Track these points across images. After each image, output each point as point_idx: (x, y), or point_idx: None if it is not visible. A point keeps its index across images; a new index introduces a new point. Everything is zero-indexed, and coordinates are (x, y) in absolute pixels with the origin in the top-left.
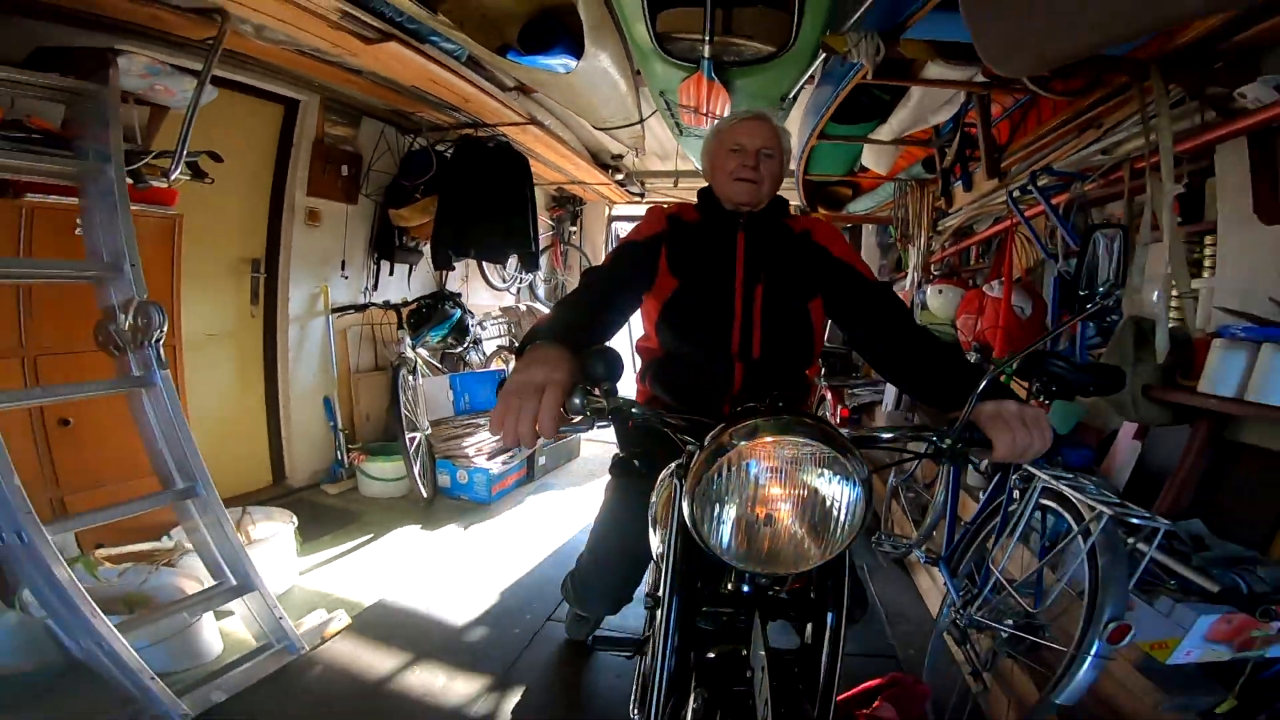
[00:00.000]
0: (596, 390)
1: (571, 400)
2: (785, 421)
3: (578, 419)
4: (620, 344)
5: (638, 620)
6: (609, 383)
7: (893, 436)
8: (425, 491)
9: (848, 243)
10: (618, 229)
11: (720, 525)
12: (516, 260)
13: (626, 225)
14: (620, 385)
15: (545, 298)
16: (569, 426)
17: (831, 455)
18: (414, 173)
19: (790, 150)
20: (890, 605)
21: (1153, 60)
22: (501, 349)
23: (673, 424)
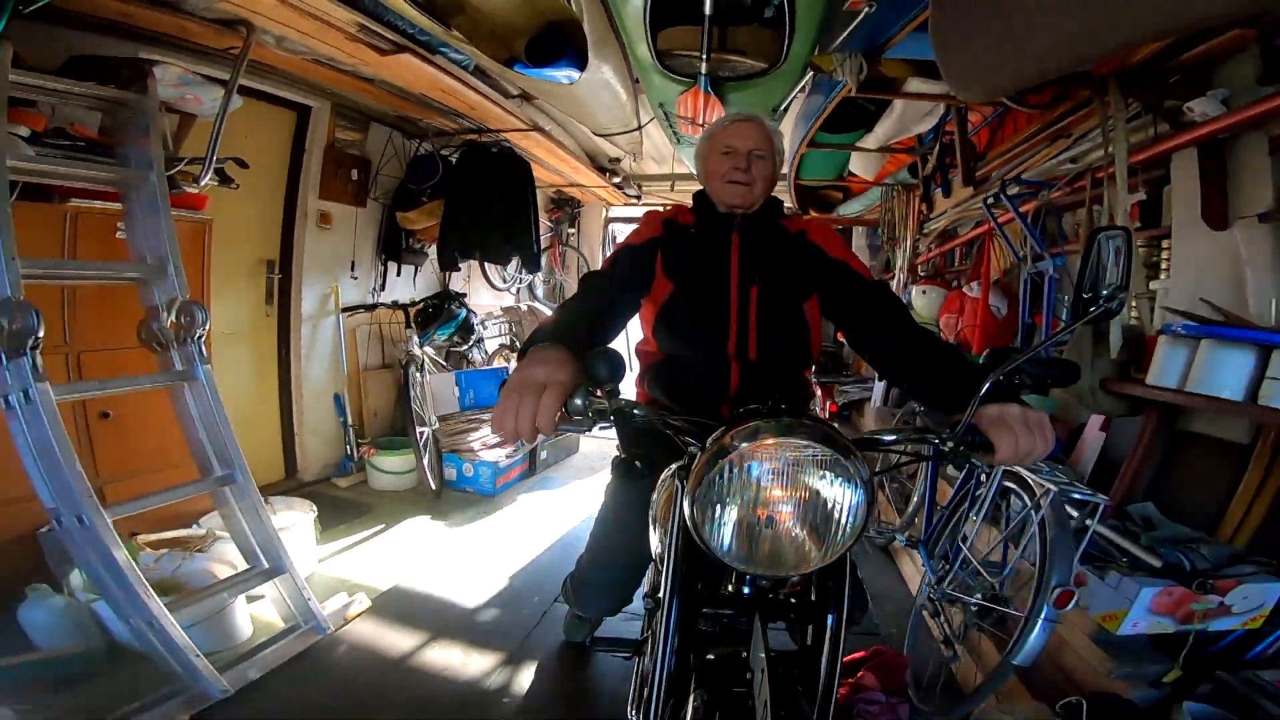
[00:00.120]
0: (599, 391)
1: (573, 401)
2: (787, 424)
3: (579, 419)
4: (620, 346)
5: (637, 621)
6: (611, 384)
7: (895, 439)
8: (433, 484)
9: (844, 242)
10: (615, 230)
11: (721, 527)
12: (518, 261)
13: (623, 226)
14: (621, 387)
15: (544, 298)
16: (569, 425)
17: (833, 457)
18: (420, 177)
19: (783, 151)
20: (875, 588)
21: (1112, 75)
22: (503, 347)
23: (675, 426)
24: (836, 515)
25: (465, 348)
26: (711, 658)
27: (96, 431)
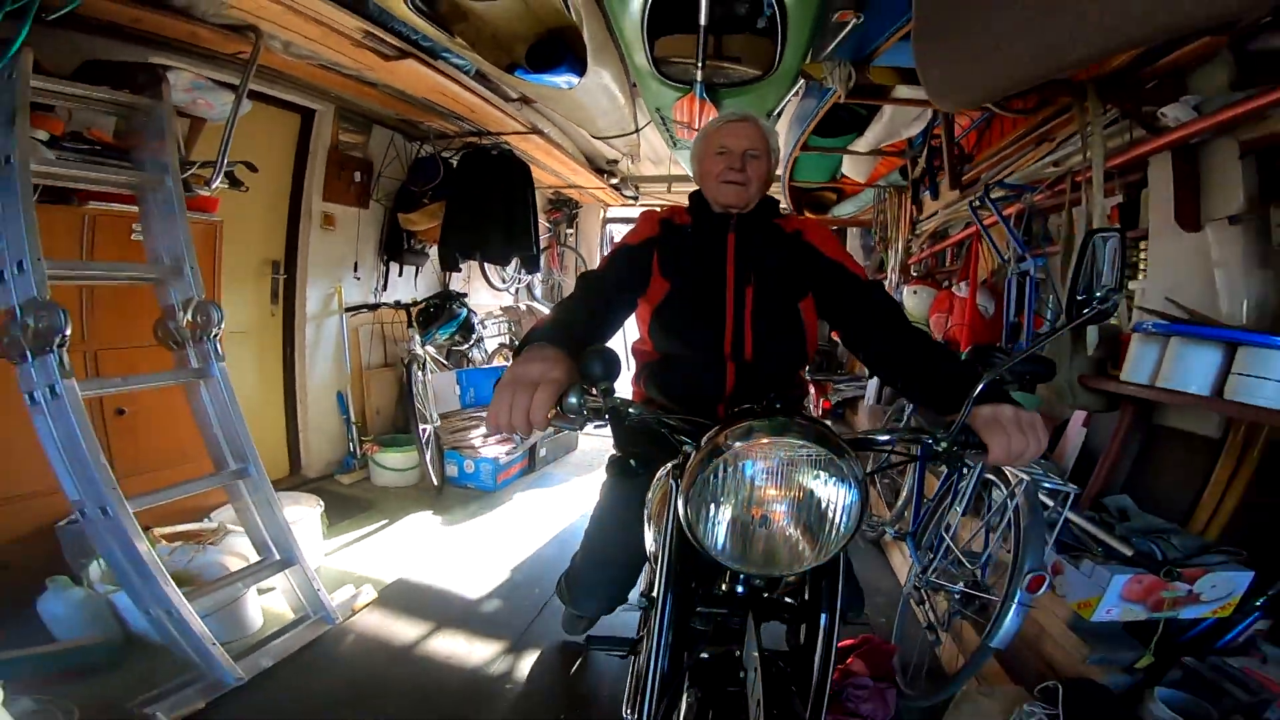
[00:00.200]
0: (594, 390)
1: (568, 399)
2: (781, 423)
3: (573, 417)
4: (617, 345)
5: (634, 619)
6: (606, 382)
7: (889, 439)
8: (435, 480)
9: (839, 242)
10: (612, 231)
11: (715, 526)
12: (517, 262)
13: (621, 227)
14: (617, 385)
15: (542, 297)
16: (563, 422)
17: (827, 457)
18: (422, 179)
19: (779, 150)
20: (866, 579)
21: (1090, 81)
22: (502, 346)
23: (670, 425)
24: (830, 515)
25: (466, 347)
26: (705, 656)
27: (112, 427)
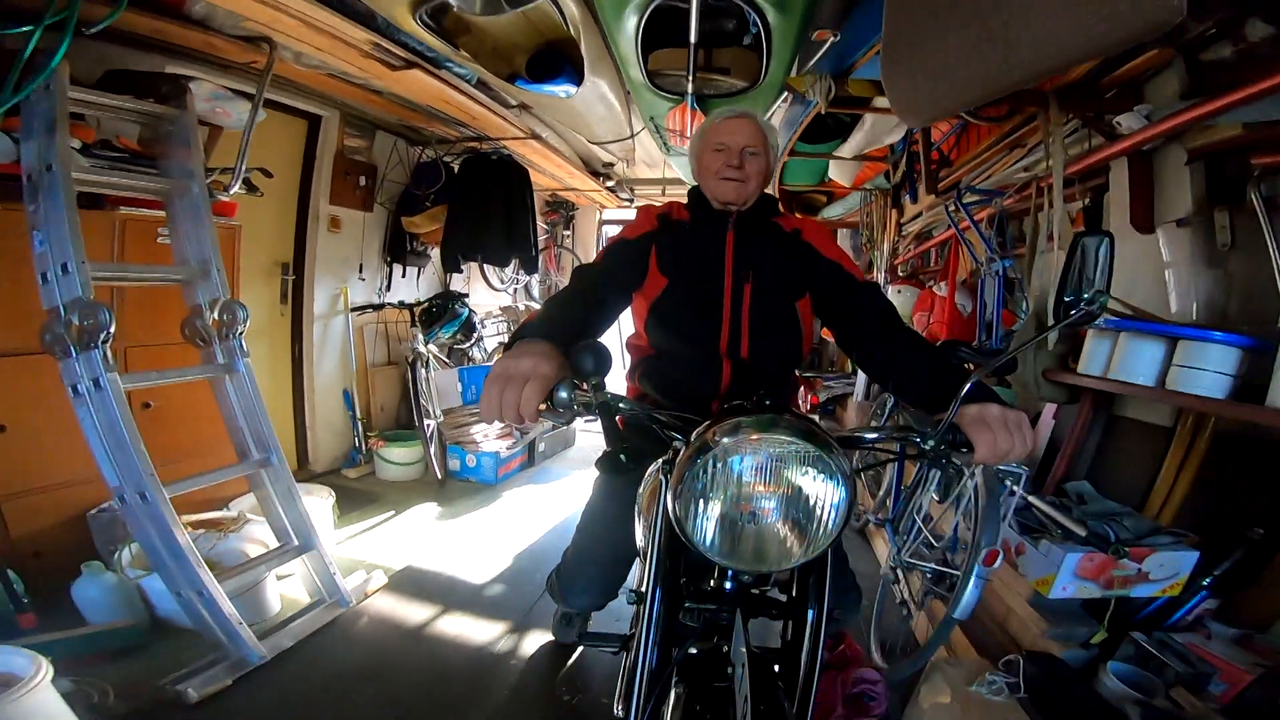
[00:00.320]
0: (584, 385)
1: (558, 393)
2: (770, 420)
3: (563, 411)
4: (610, 340)
5: (626, 617)
6: (597, 377)
7: (877, 437)
8: (439, 473)
9: (837, 243)
10: (608, 232)
11: (704, 522)
12: (516, 263)
13: (617, 228)
14: (608, 381)
15: (540, 298)
16: (554, 416)
17: (816, 454)
18: (424, 183)
19: (778, 146)
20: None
21: (1053, 92)
22: (501, 345)
23: (660, 420)
24: (818, 511)
25: (468, 345)
26: (694, 652)
27: (140, 420)
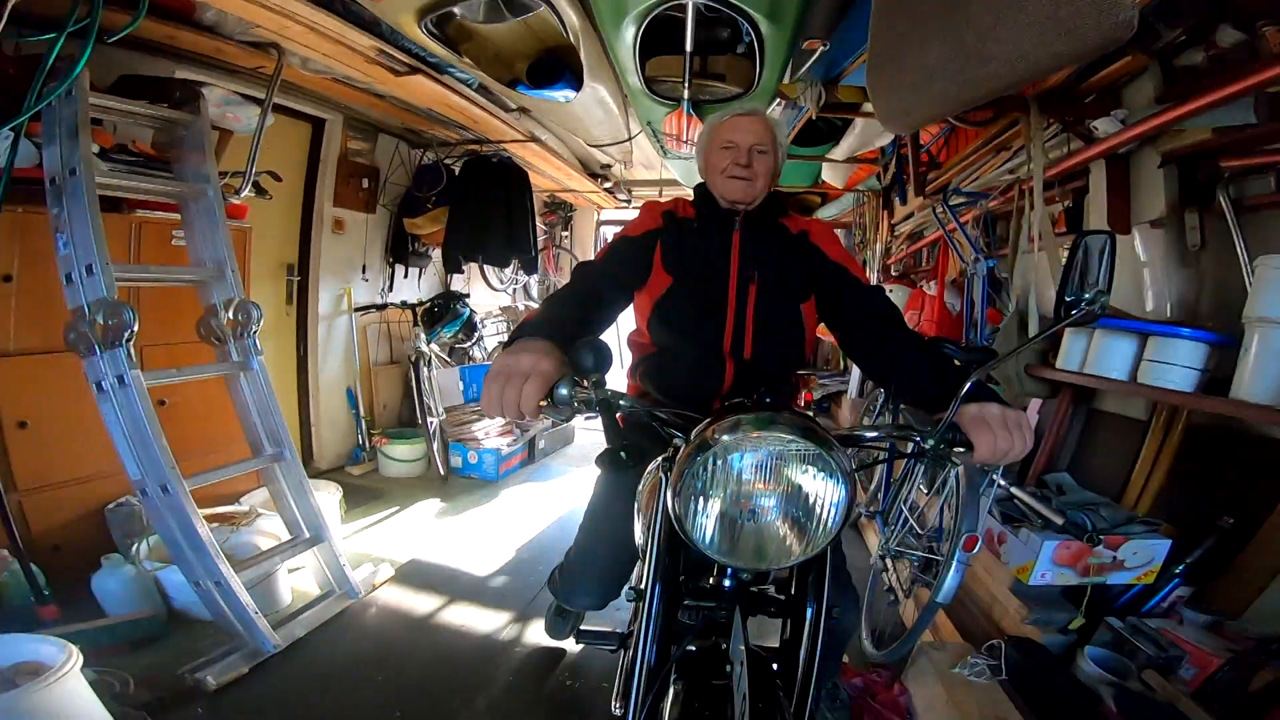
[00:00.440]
0: (585, 382)
1: (559, 390)
2: (769, 417)
3: (563, 408)
4: (610, 337)
5: (622, 615)
6: (597, 374)
7: (877, 436)
8: (441, 470)
9: (843, 245)
10: (606, 233)
11: (704, 520)
12: (516, 263)
13: (615, 229)
14: (609, 378)
15: (539, 298)
16: (554, 412)
17: (816, 452)
18: (426, 185)
19: (786, 144)
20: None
21: (1034, 97)
22: (501, 345)
23: (660, 418)
24: (818, 510)
25: (469, 345)
26: (692, 650)
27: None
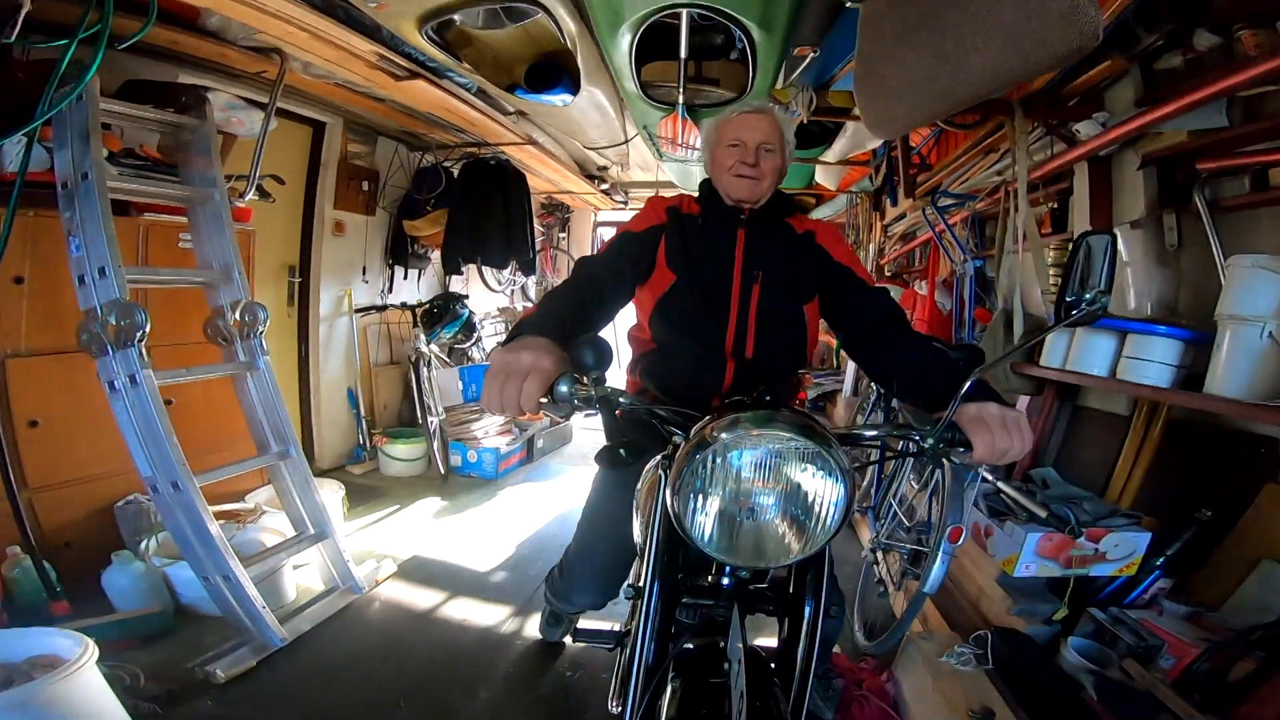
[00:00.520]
0: (584, 379)
1: (558, 387)
2: (769, 416)
3: (563, 405)
4: (608, 332)
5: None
6: (597, 371)
7: (876, 435)
8: (441, 468)
9: (849, 246)
10: (603, 234)
11: (703, 518)
12: (514, 264)
13: (612, 231)
14: (607, 374)
15: (536, 299)
16: (553, 409)
17: (815, 450)
18: (425, 188)
19: (793, 142)
20: (835, 553)
21: (1018, 101)
22: (500, 346)
23: (660, 416)
24: (817, 508)
25: (468, 345)
26: (690, 647)
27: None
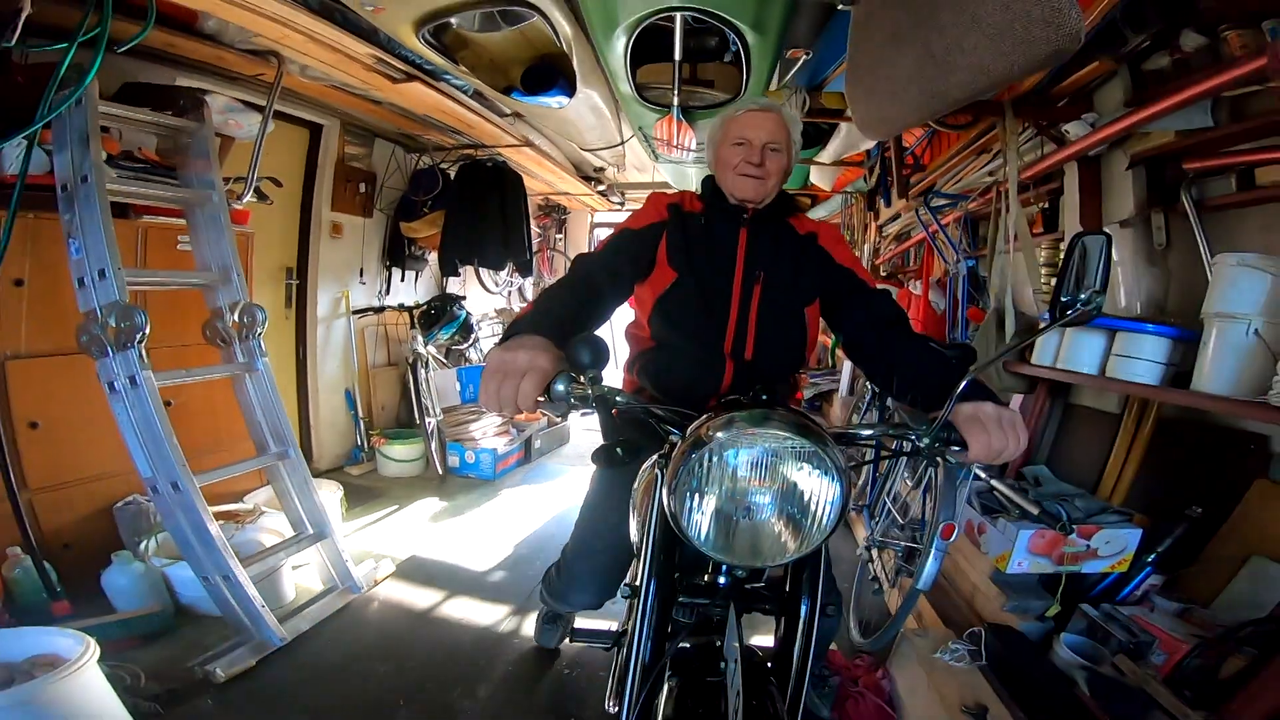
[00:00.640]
0: (581, 378)
1: (555, 386)
2: (765, 415)
3: (560, 403)
4: (604, 330)
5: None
6: (594, 370)
7: (872, 434)
8: (439, 469)
9: (851, 247)
10: (600, 235)
11: (699, 517)
12: (511, 266)
13: (608, 231)
14: (604, 373)
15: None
16: (550, 408)
17: (811, 449)
18: (422, 189)
19: (799, 142)
20: (832, 551)
21: (1009, 101)
22: (496, 344)
23: (656, 415)
24: (813, 506)
25: (465, 346)
26: (687, 646)
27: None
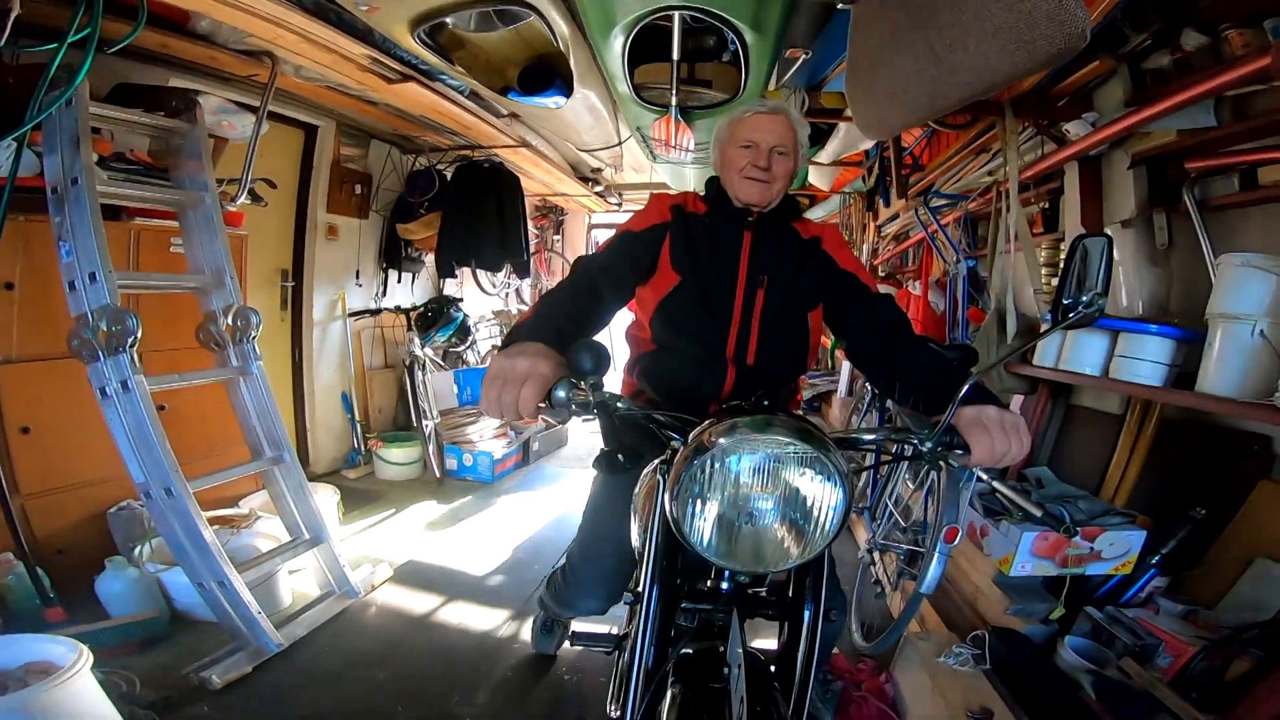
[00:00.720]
0: (582, 384)
1: (556, 392)
2: (767, 420)
3: (560, 410)
4: (604, 336)
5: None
6: (595, 376)
7: (875, 439)
8: (437, 472)
9: (854, 252)
10: (597, 236)
11: (701, 522)
12: (509, 267)
13: (606, 232)
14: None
15: (530, 302)
16: (551, 414)
17: (814, 455)
18: (418, 191)
19: (806, 144)
20: (835, 554)
21: (1008, 101)
22: (495, 348)
23: (658, 420)
24: (816, 512)
25: (463, 348)
26: (689, 652)
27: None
